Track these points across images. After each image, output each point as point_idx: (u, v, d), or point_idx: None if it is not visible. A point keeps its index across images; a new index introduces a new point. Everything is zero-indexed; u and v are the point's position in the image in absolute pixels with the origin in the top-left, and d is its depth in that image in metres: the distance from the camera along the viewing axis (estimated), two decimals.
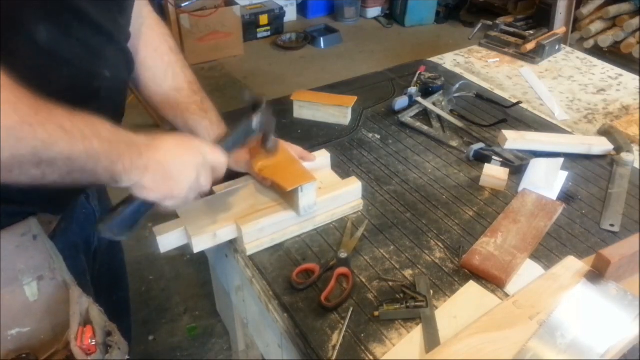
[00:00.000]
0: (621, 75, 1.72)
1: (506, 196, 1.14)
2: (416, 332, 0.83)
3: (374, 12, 4.96)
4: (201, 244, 0.97)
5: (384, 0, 4.97)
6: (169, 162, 0.77)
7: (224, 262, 1.15)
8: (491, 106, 1.50)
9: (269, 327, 1.03)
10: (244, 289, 1.11)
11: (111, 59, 0.84)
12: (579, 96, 1.60)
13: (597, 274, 0.88)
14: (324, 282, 0.92)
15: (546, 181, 1.15)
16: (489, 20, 2.18)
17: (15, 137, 0.59)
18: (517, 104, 1.49)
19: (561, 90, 1.63)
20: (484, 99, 1.52)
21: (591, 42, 3.58)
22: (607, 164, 1.26)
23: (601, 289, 0.86)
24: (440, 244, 1.01)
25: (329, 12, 5.01)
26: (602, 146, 1.28)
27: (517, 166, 1.21)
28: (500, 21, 2.08)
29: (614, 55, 3.43)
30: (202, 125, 1.03)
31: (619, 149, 1.27)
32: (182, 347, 2.02)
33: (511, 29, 1.98)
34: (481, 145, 1.26)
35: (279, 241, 1.01)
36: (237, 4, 4.16)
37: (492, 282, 0.92)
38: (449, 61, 1.80)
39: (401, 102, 1.45)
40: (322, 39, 4.39)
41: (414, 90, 1.48)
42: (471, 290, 0.91)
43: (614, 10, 3.52)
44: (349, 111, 1.41)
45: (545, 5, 3.23)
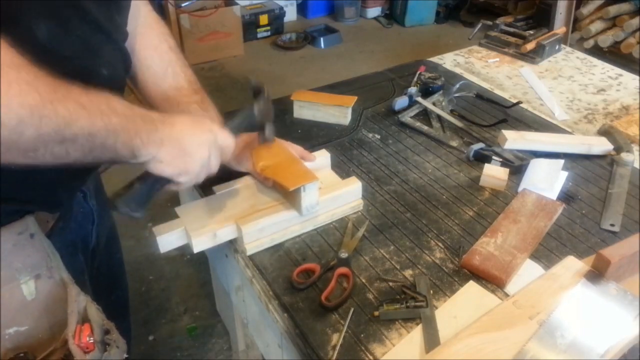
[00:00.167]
0: (621, 75, 1.72)
1: (506, 196, 1.14)
2: (416, 332, 0.83)
3: (374, 12, 4.96)
4: (201, 244, 0.97)
5: (384, 0, 4.97)
6: (185, 137, 0.79)
7: (224, 262, 1.15)
8: (491, 106, 1.50)
9: (269, 327, 1.03)
10: (244, 289, 1.11)
11: (109, 57, 0.84)
12: (579, 96, 1.60)
13: (597, 274, 0.88)
14: (324, 282, 0.92)
15: (546, 181, 1.15)
16: (489, 20, 2.18)
17: (38, 116, 0.59)
18: (517, 104, 1.49)
19: (561, 90, 1.63)
20: (484, 99, 1.52)
21: (591, 42, 3.58)
22: (607, 164, 1.26)
23: (601, 289, 0.86)
24: (440, 244, 1.01)
25: (329, 12, 5.01)
26: (602, 146, 1.28)
27: (517, 166, 1.21)
28: (500, 21, 2.08)
29: (614, 55, 3.43)
30: None
31: (619, 149, 1.27)
32: (182, 347, 2.02)
33: (511, 29, 1.98)
34: (481, 145, 1.26)
35: (279, 241, 1.01)
36: (237, 4, 4.16)
37: (492, 282, 0.92)
38: (449, 61, 1.80)
39: (401, 102, 1.45)
40: (322, 39, 4.39)
41: (414, 90, 1.48)
42: (471, 290, 0.91)
43: (614, 10, 3.52)
44: (349, 111, 1.41)
45: (545, 5, 3.23)
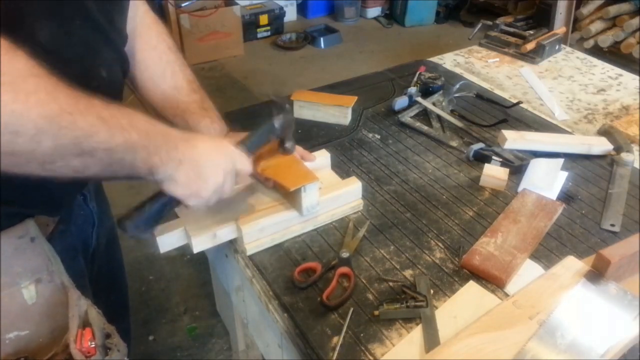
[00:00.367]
0: (621, 75, 1.72)
1: (506, 196, 1.14)
2: (416, 332, 0.83)
3: (374, 12, 4.96)
4: (201, 244, 0.97)
5: (384, 0, 4.97)
6: (203, 161, 0.78)
7: (224, 262, 1.15)
8: (491, 106, 1.50)
9: (269, 327, 1.03)
10: (244, 289, 1.11)
11: (107, 59, 0.84)
12: (579, 96, 1.60)
13: (597, 274, 0.88)
14: (324, 282, 0.92)
15: (546, 181, 1.15)
16: (489, 20, 2.18)
17: (57, 126, 0.59)
18: (517, 104, 1.49)
19: (561, 90, 1.63)
20: (484, 99, 1.52)
21: (591, 42, 3.58)
22: (607, 164, 1.26)
23: (601, 288, 0.86)
24: (440, 244, 1.01)
25: (329, 12, 5.01)
26: (602, 146, 1.28)
27: (517, 166, 1.21)
28: (500, 21, 2.08)
29: (614, 55, 3.43)
30: (203, 124, 1.03)
31: (619, 149, 1.27)
32: (182, 347, 2.02)
33: (511, 29, 1.98)
34: (481, 145, 1.26)
35: (279, 241, 1.01)
36: (237, 4, 4.16)
37: (492, 282, 0.92)
38: (449, 61, 1.80)
39: (401, 102, 1.45)
40: (322, 39, 4.39)
41: (414, 90, 1.48)
42: (471, 290, 0.91)
43: (614, 10, 3.52)
44: (349, 111, 1.41)
45: (545, 5, 3.23)
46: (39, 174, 0.62)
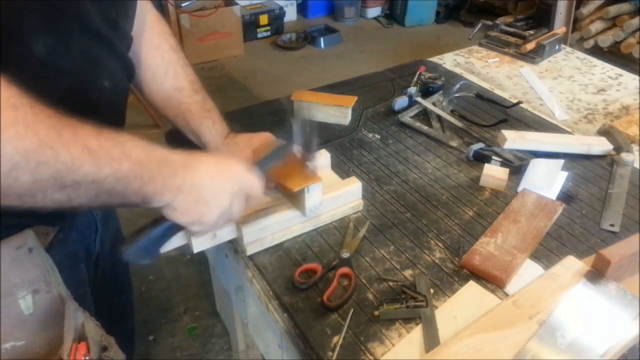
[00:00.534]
0: (621, 75, 1.72)
1: (506, 196, 1.14)
2: (416, 332, 0.83)
3: (374, 12, 4.96)
4: (201, 244, 0.97)
5: (384, 0, 4.97)
6: (204, 186, 0.73)
7: (224, 262, 1.15)
8: (491, 106, 1.50)
9: (269, 327, 1.03)
10: (244, 289, 1.11)
11: (110, 68, 0.82)
12: (579, 96, 1.60)
13: (597, 274, 0.88)
14: (325, 282, 0.92)
15: (546, 181, 1.15)
16: (489, 20, 2.18)
17: (35, 161, 0.55)
18: (517, 104, 1.49)
19: (561, 90, 1.63)
20: (484, 99, 1.52)
21: (591, 42, 3.58)
22: (607, 164, 1.26)
23: (601, 288, 0.86)
24: (440, 244, 1.01)
25: (329, 12, 5.01)
26: (602, 146, 1.28)
27: (517, 166, 1.21)
28: (500, 21, 2.07)
29: (614, 55, 3.43)
30: (204, 125, 1.02)
31: (619, 149, 1.27)
32: (182, 347, 2.02)
33: (511, 29, 1.98)
34: (481, 145, 1.26)
35: (279, 241, 1.01)
36: (237, 4, 4.16)
37: (492, 282, 0.92)
38: (449, 61, 1.80)
39: (401, 102, 1.45)
40: (322, 39, 4.39)
41: (414, 90, 1.48)
42: (471, 290, 0.91)
43: (614, 10, 3.52)
44: (349, 111, 1.41)
45: (545, 5, 3.23)
46: (19, 206, 0.58)
